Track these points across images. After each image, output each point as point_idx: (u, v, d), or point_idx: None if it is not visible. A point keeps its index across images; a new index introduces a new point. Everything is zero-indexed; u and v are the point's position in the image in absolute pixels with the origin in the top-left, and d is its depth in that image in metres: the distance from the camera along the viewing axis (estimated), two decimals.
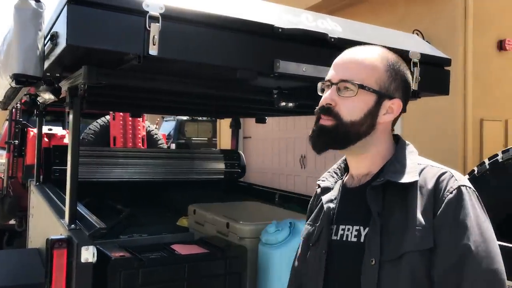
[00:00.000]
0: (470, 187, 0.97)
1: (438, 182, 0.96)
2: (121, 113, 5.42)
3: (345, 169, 1.17)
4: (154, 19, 1.39)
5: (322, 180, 1.18)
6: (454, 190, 0.94)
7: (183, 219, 2.94)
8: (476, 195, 0.97)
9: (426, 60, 2.01)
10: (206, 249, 2.12)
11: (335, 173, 1.19)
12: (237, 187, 3.82)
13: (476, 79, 4.83)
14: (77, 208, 1.91)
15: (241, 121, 3.96)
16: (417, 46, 2.07)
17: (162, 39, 1.40)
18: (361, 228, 1.02)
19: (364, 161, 1.08)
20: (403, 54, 1.91)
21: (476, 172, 2.02)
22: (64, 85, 1.89)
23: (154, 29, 1.39)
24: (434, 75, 2.11)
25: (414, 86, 1.94)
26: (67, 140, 4.10)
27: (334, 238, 1.07)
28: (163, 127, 11.03)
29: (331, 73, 1.06)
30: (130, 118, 5.43)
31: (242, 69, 1.61)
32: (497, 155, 1.97)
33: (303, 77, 1.69)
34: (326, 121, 1.03)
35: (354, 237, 1.03)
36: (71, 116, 1.81)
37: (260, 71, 1.65)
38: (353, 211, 1.06)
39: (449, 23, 4.92)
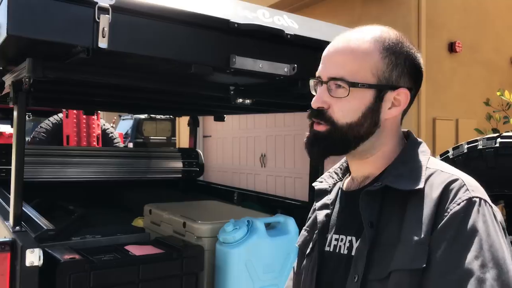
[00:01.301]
0: (485, 200, 0.78)
1: (445, 190, 0.78)
2: (74, 111, 5.24)
3: (348, 169, 1.01)
4: (103, 10, 1.34)
5: (320, 182, 1.04)
6: (463, 202, 0.76)
7: (138, 219, 2.87)
8: (493, 211, 0.79)
9: None
10: (162, 249, 2.07)
11: (336, 173, 1.04)
12: (195, 186, 3.77)
13: (428, 80, 5.00)
14: (24, 209, 1.82)
15: (201, 120, 3.93)
16: None
17: (112, 32, 1.35)
18: (354, 239, 0.88)
19: (366, 164, 0.92)
20: None
21: None
22: (8, 79, 1.79)
23: (104, 21, 1.34)
24: None
25: None
26: None
27: (327, 250, 0.94)
28: (120, 126, 10.77)
29: (320, 68, 0.91)
30: (84, 116, 5.26)
31: (197, 64, 1.58)
32: (448, 151, 2.03)
33: (260, 73, 1.68)
34: (319, 127, 0.89)
35: (346, 249, 0.89)
36: (15, 113, 1.72)
37: (215, 66, 1.62)
38: (349, 219, 0.92)
39: (403, 25, 5.06)
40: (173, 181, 3.66)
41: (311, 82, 0.95)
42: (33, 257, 1.51)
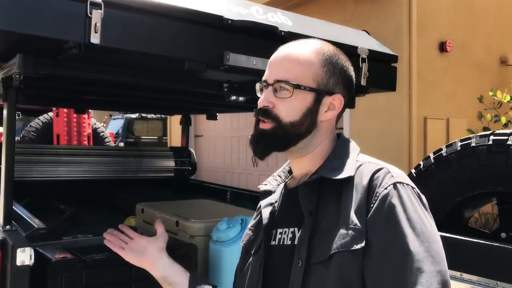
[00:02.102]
0: (408, 184, 0.89)
1: (373, 178, 0.90)
2: (65, 110, 5.19)
3: (290, 171, 1.12)
4: (96, 5, 1.32)
5: (264, 184, 1.13)
6: (389, 185, 0.87)
7: (130, 218, 2.84)
8: (417, 192, 0.90)
9: (374, 56, 2.04)
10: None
11: (279, 176, 1.15)
12: (188, 185, 3.75)
13: (419, 79, 5.03)
14: (14, 208, 1.79)
15: (193, 119, 3.91)
16: (365, 42, 2.10)
17: (104, 27, 1.33)
18: (296, 229, 0.96)
19: (305, 161, 1.03)
20: (351, 50, 1.94)
21: (421, 166, 2.08)
22: None
23: (96, 16, 1.31)
24: (382, 71, 2.15)
25: (362, 81, 1.97)
26: None
27: (273, 244, 1.00)
28: (110, 125, 10.71)
29: (266, 73, 1.02)
30: (75, 115, 5.21)
31: (190, 60, 1.57)
32: (441, 149, 2.04)
33: (253, 70, 1.67)
34: (264, 125, 1.00)
35: (289, 240, 0.97)
36: (5, 110, 1.69)
37: (209, 63, 1.61)
38: (290, 212, 1.01)
39: (394, 25, 5.09)
40: (166, 180, 3.64)
41: (257, 85, 1.06)
42: (24, 256, 1.48)
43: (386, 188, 0.87)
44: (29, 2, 1.24)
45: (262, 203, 1.08)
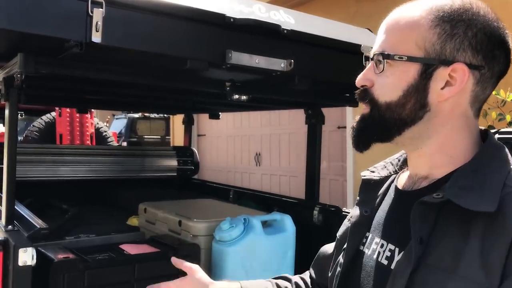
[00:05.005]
0: None
1: None
2: (67, 110, 5.20)
3: (406, 161, 0.87)
4: (97, 4, 1.31)
5: (371, 171, 0.91)
6: None
7: (133, 218, 2.84)
8: None
9: None
10: (157, 248, 2.05)
11: (392, 164, 0.91)
12: (190, 185, 3.74)
13: None
14: (17, 208, 1.79)
15: (196, 119, 3.90)
16: (369, 40, 2.09)
17: (106, 26, 1.32)
18: (397, 250, 0.75)
19: (421, 158, 0.78)
20: (355, 48, 1.92)
21: None
22: None
23: (97, 14, 1.31)
24: None
25: None
26: None
27: (365, 251, 0.82)
28: (113, 125, 10.73)
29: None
30: (78, 115, 5.22)
31: (192, 59, 1.56)
32: None
33: (256, 69, 1.66)
34: (364, 110, 0.79)
35: (385, 258, 0.76)
36: (7, 110, 1.69)
37: (211, 61, 1.60)
38: (394, 223, 0.79)
39: None
40: (168, 179, 3.64)
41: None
42: (26, 257, 1.48)
43: None
44: (30, 1, 1.23)
45: (361, 196, 0.88)
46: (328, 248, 1.06)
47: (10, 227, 1.64)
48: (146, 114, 10.35)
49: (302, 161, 2.65)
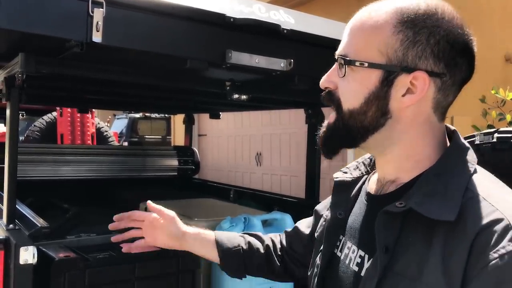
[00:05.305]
0: None
1: (482, 231, 0.61)
2: (69, 109, 5.21)
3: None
4: (97, 4, 1.32)
5: (344, 172, 0.90)
6: (506, 255, 0.58)
7: None
8: None
9: None
10: (158, 247, 2.05)
11: (364, 163, 0.90)
12: (191, 184, 3.75)
13: None
14: (18, 207, 1.79)
15: (196, 119, 3.91)
16: None
17: (106, 26, 1.33)
18: (366, 256, 0.76)
19: (388, 163, 0.78)
20: None
21: None
22: (0, 75, 1.76)
23: (98, 14, 1.31)
24: None
25: None
26: None
27: (338, 254, 0.83)
28: (114, 125, 10.73)
29: None
30: (79, 115, 5.22)
31: (192, 59, 1.56)
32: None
33: (256, 68, 1.66)
34: (330, 118, 0.78)
35: (356, 265, 0.77)
36: (8, 109, 1.69)
37: (211, 61, 1.61)
38: (363, 228, 0.79)
39: None
40: (169, 179, 3.64)
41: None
42: (27, 255, 1.49)
43: (501, 257, 0.58)
44: (31, 1, 1.24)
45: (334, 199, 0.88)
46: (304, 224, 1.12)
47: (11, 226, 1.65)
48: (147, 114, 10.36)
49: (303, 161, 2.65)
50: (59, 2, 1.29)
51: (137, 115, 10.35)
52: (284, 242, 1.16)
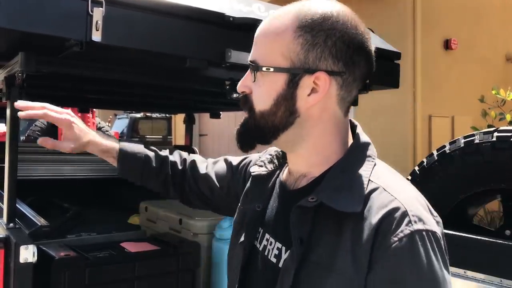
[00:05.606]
0: (431, 231, 0.68)
1: (384, 219, 0.68)
2: (69, 109, 5.21)
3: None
4: (97, 3, 1.33)
5: (260, 166, 0.94)
6: (404, 237, 0.66)
7: (134, 216, 2.86)
8: (441, 243, 0.70)
9: (377, 54, 2.02)
10: (158, 246, 2.06)
11: (277, 156, 0.95)
12: None
13: (424, 77, 5.00)
14: (18, 206, 1.80)
15: (197, 119, 3.91)
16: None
17: (106, 25, 1.33)
18: (283, 248, 0.80)
19: (299, 158, 0.83)
20: None
21: (425, 163, 2.07)
22: (0, 75, 1.77)
23: (97, 14, 1.32)
24: (385, 68, 2.14)
25: None
26: None
27: (257, 246, 0.86)
28: (115, 125, 10.73)
29: None
30: (79, 114, 5.22)
31: (192, 58, 1.57)
32: (444, 146, 2.03)
33: None
34: (245, 115, 0.83)
35: (274, 256, 0.81)
36: (8, 109, 1.70)
37: (211, 60, 1.61)
38: (280, 222, 0.83)
39: (399, 22, 5.06)
40: None
41: None
42: (27, 254, 1.49)
43: (400, 240, 0.66)
44: (31, 1, 1.24)
45: (252, 191, 0.92)
46: (220, 171, 1.15)
47: (11, 224, 1.65)
48: (148, 114, 10.35)
49: None
50: (59, 1, 1.29)
51: (138, 115, 10.35)
52: (198, 168, 1.18)
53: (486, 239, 1.64)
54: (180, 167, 1.18)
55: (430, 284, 0.66)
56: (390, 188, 0.73)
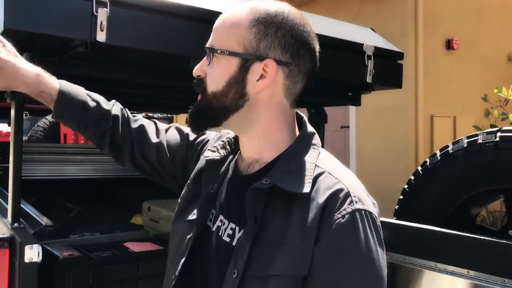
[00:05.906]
0: (368, 211, 0.79)
1: (330, 199, 0.78)
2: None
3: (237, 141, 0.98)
4: (101, 3, 1.33)
5: (213, 151, 0.99)
6: (347, 215, 0.76)
7: (137, 216, 2.86)
8: (377, 222, 0.80)
9: (380, 54, 2.03)
10: (161, 245, 2.06)
11: (229, 143, 1.01)
12: None
13: (426, 77, 5.00)
14: (22, 206, 1.80)
15: None
16: (371, 39, 2.10)
17: (110, 25, 1.34)
18: (237, 228, 0.86)
19: (250, 142, 0.91)
20: (357, 47, 1.93)
21: (428, 163, 2.07)
22: None
23: (102, 14, 1.33)
24: (387, 69, 2.15)
25: (368, 79, 1.97)
26: None
27: (210, 226, 0.92)
28: None
29: None
30: None
31: (196, 58, 1.57)
32: (447, 146, 2.03)
33: None
34: (198, 99, 0.90)
35: (228, 236, 0.87)
36: (12, 109, 1.70)
37: None
38: (234, 204, 0.90)
39: (401, 22, 5.06)
40: None
41: None
42: (32, 253, 1.50)
43: (343, 217, 0.76)
44: (35, 1, 1.25)
45: (207, 174, 0.96)
46: (172, 136, 1.19)
47: (16, 224, 1.66)
48: (150, 114, 10.36)
49: None
50: (63, 2, 1.30)
51: (140, 115, 10.37)
52: (147, 132, 1.20)
53: (490, 239, 1.64)
54: (123, 128, 1.16)
55: (366, 255, 0.76)
56: (334, 172, 0.83)
